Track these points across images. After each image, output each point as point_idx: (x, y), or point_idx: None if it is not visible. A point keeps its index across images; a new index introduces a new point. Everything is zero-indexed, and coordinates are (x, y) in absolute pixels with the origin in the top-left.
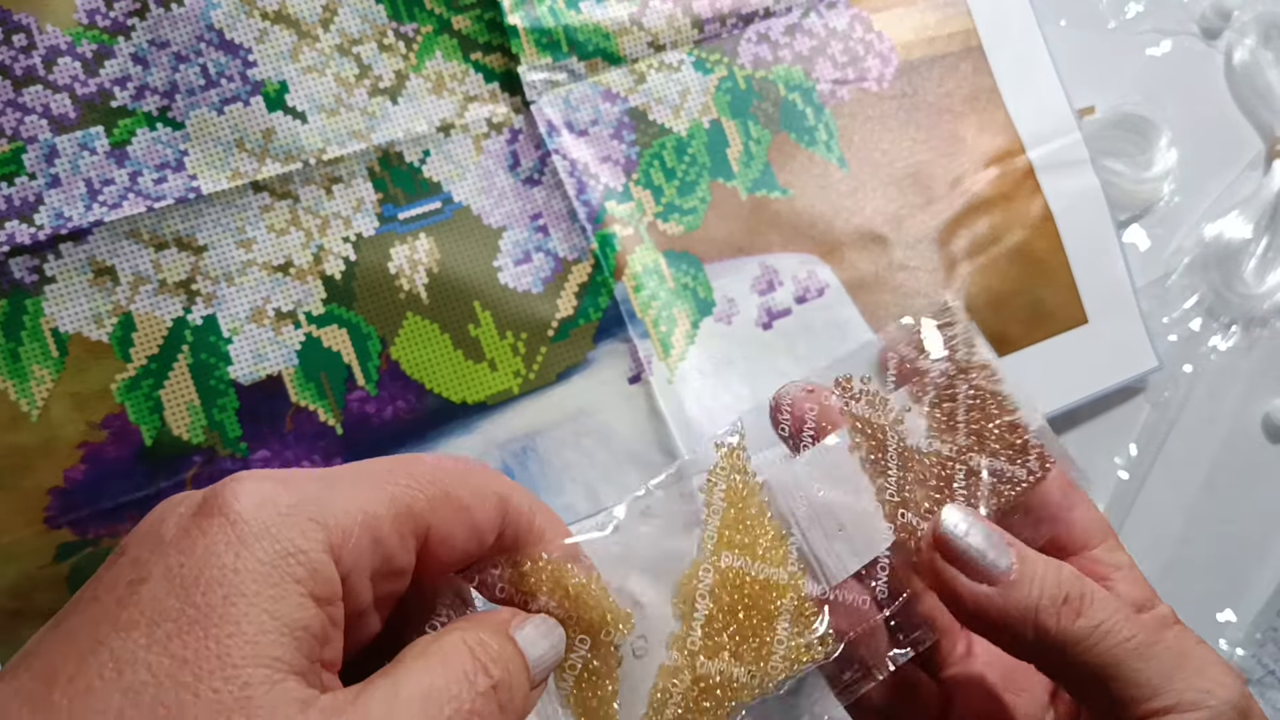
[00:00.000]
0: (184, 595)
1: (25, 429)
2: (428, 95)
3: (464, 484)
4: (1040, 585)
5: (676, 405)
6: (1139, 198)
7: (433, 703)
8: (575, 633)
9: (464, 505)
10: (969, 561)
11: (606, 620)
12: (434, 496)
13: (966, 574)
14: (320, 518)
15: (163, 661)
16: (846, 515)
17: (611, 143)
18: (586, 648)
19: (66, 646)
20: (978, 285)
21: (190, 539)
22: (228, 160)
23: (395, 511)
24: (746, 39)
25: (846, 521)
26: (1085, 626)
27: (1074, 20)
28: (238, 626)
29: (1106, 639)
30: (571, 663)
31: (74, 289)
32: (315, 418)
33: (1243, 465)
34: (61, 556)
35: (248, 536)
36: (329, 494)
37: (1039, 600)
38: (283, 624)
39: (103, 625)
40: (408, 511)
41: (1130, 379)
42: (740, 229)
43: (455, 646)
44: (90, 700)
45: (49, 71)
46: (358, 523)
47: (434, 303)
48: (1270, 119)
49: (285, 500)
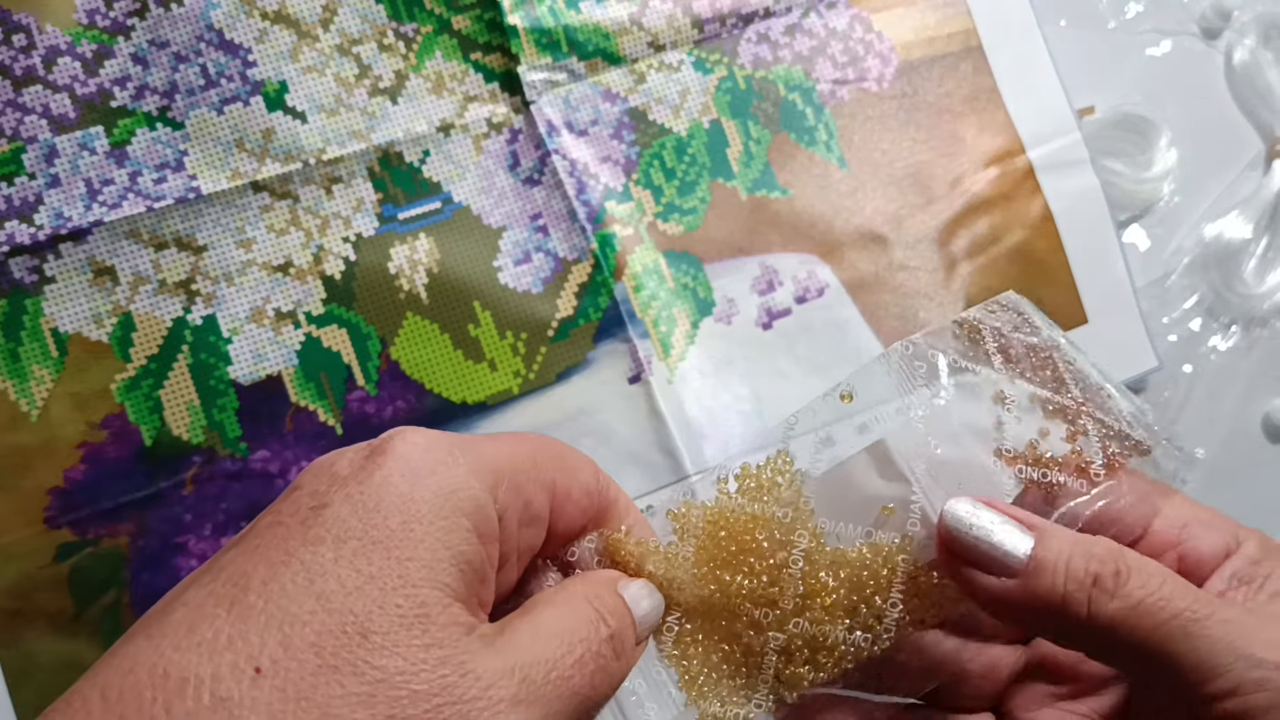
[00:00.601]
0: (366, 518)
1: (25, 429)
2: (428, 95)
3: (567, 452)
4: (1064, 570)
5: (676, 405)
6: (1139, 198)
7: (566, 641)
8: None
9: (576, 467)
10: (980, 555)
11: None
12: (551, 455)
13: (981, 569)
14: (478, 459)
15: (350, 574)
16: (965, 472)
17: (611, 143)
18: (678, 614)
19: (256, 557)
20: (978, 285)
21: (366, 472)
22: (228, 160)
23: (531, 465)
24: (746, 39)
25: (964, 479)
26: (1121, 609)
27: (1074, 20)
28: (415, 550)
29: (1146, 619)
30: (669, 625)
31: (74, 289)
32: (315, 418)
33: (1243, 465)
34: (61, 556)
35: (421, 470)
36: (477, 443)
37: (1064, 587)
38: (453, 554)
39: (291, 540)
40: (538, 465)
41: (1130, 379)
42: (740, 229)
43: (578, 598)
44: (285, 603)
45: (49, 71)
46: (507, 470)
47: (434, 303)
48: (1270, 119)
49: (447, 444)
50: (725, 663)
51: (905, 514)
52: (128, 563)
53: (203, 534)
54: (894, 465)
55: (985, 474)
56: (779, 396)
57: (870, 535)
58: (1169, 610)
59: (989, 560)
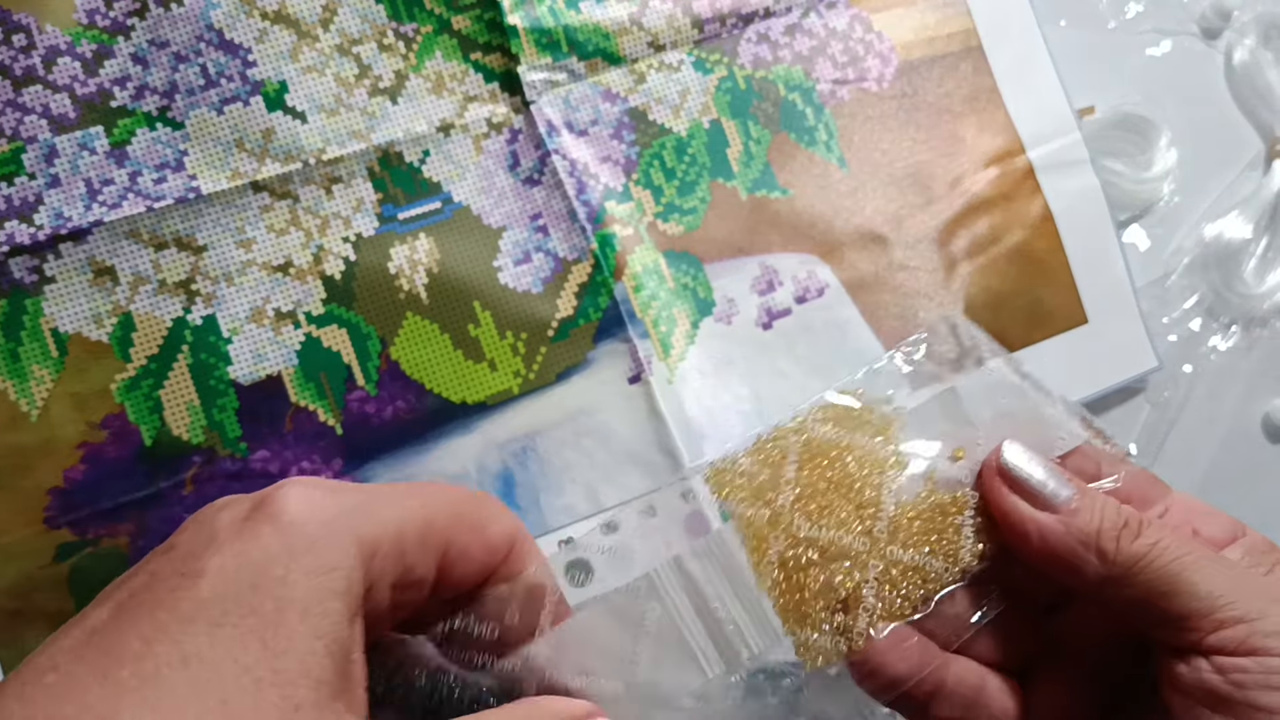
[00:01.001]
0: (239, 599)
1: (25, 429)
2: (428, 95)
3: (479, 510)
4: (1101, 514)
5: (676, 405)
6: (1139, 198)
7: None
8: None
9: (479, 526)
10: (1032, 490)
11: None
12: (453, 515)
13: (1030, 503)
14: (357, 530)
15: (227, 663)
16: (1024, 422)
17: (611, 143)
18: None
19: (128, 624)
20: (978, 285)
21: (243, 541)
22: (227, 160)
23: (420, 529)
24: (746, 39)
25: (1024, 428)
26: (1144, 544)
27: (1074, 20)
28: (290, 643)
29: (1165, 554)
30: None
31: (74, 289)
32: (315, 418)
33: (1243, 465)
34: (61, 556)
35: (297, 548)
36: (366, 504)
37: (1100, 525)
38: (326, 642)
39: (161, 611)
40: (429, 527)
41: (1130, 379)
42: (740, 229)
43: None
44: (158, 685)
45: (49, 71)
46: (389, 534)
47: (434, 303)
48: (1270, 119)
49: (330, 509)
50: (822, 594)
51: (972, 456)
52: (128, 563)
53: None
54: (963, 412)
55: (1044, 425)
56: (779, 396)
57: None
58: (1185, 548)
59: (1036, 494)
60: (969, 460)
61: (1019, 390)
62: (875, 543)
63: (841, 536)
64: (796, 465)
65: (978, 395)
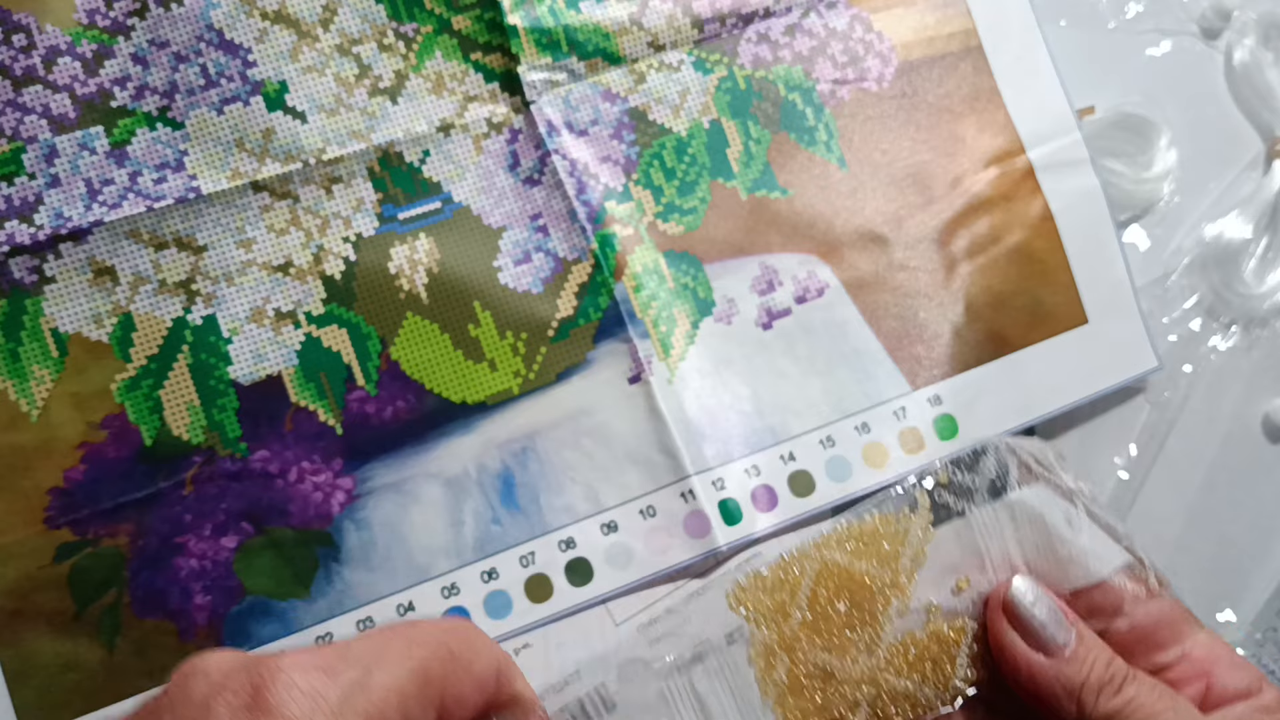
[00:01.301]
0: None
1: (25, 429)
2: (428, 95)
3: (466, 644)
4: (1092, 666)
5: (676, 405)
6: (1139, 198)
7: None
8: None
9: (468, 663)
10: (1032, 630)
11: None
12: (444, 659)
13: (1026, 641)
14: (362, 712)
15: None
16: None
17: (611, 143)
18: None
19: None
20: (978, 285)
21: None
22: (227, 160)
23: (418, 685)
24: (746, 39)
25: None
26: (1120, 701)
27: (1074, 20)
28: None
29: (1138, 713)
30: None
31: (74, 289)
32: (315, 417)
33: (1243, 465)
34: (61, 556)
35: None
36: (365, 679)
37: (1088, 678)
38: None
39: None
40: (426, 680)
41: (1130, 379)
42: (740, 229)
43: None
44: None
45: (49, 71)
46: (393, 704)
47: (434, 303)
48: (1270, 119)
49: (331, 698)
50: (821, 714)
51: (976, 587)
52: (127, 563)
53: (202, 534)
54: (974, 542)
55: (1059, 562)
56: (779, 396)
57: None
58: (1164, 706)
59: (1036, 634)
60: (972, 590)
61: (1041, 523)
62: (873, 669)
63: (842, 661)
64: (810, 589)
65: (990, 527)
